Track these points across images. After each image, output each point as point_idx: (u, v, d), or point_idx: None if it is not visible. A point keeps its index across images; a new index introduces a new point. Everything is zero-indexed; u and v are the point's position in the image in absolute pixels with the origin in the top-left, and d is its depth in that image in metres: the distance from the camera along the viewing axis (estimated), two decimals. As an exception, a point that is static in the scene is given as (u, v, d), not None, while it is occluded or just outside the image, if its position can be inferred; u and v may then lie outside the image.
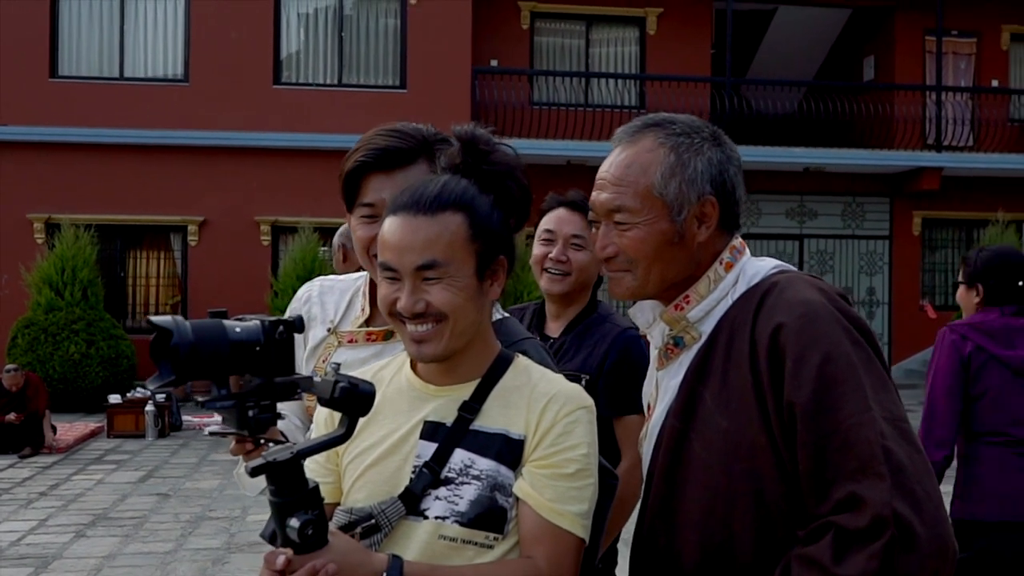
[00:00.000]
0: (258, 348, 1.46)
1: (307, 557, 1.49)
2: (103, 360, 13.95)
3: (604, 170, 1.74)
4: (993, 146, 19.13)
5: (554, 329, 3.03)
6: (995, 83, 19.63)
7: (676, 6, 18.69)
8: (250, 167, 16.08)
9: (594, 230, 1.79)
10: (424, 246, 1.65)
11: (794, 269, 1.74)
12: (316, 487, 1.50)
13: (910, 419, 1.56)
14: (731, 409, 1.60)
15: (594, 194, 1.75)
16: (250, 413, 1.47)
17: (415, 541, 1.65)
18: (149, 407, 11.79)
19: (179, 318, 1.42)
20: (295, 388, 1.51)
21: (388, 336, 2.14)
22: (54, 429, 11.00)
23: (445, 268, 1.65)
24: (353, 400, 1.49)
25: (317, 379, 1.52)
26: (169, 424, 12.19)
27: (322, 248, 15.20)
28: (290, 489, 1.48)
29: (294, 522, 1.47)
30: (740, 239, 1.77)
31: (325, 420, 1.80)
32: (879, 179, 19.17)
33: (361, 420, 1.55)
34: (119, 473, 9.67)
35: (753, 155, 17.95)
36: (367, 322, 2.21)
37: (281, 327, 1.48)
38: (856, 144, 18.95)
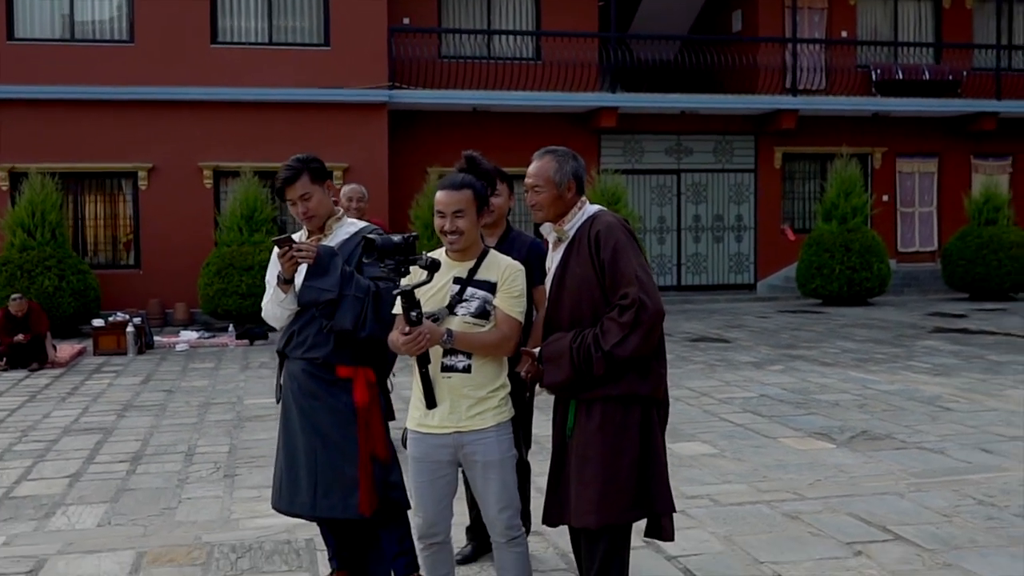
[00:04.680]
0: (403, 245, 3.84)
1: (415, 328, 3.87)
2: (73, 292, 15.93)
3: (530, 170, 4.13)
4: (842, 89, 22.01)
5: (490, 242, 5.33)
6: (844, 34, 22.45)
7: (567, -34, 21.00)
8: (192, 118, 18.05)
9: (526, 193, 4.19)
10: (455, 203, 4.00)
11: (606, 209, 4.19)
12: (419, 300, 3.89)
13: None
14: (580, 264, 4.02)
15: (526, 180, 4.15)
16: (402, 270, 3.85)
17: (454, 324, 4.02)
18: (130, 328, 13.94)
19: (377, 236, 3.80)
20: (416, 261, 3.88)
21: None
22: (54, 348, 13.10)
23: (463, 211, 4.01)
24: (434, 266, 3.88)
25: (421, 259, 3.89)
26: (144, 343, 14.34)
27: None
28: (410, 300, 3.86)
29: (413, 313, 3.85)
30: (584, 197, 4.19)
31: (410, 277, 4.16)
32: (745, 120, 21.93)
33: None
34: (122, 379, 11.87)
35: (636, 100, 20.52)
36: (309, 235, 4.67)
37: (411, 237, 3.87)
38: (725, 89, 21.63)
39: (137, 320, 14.28)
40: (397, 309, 3.94)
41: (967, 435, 8.09)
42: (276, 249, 4.43)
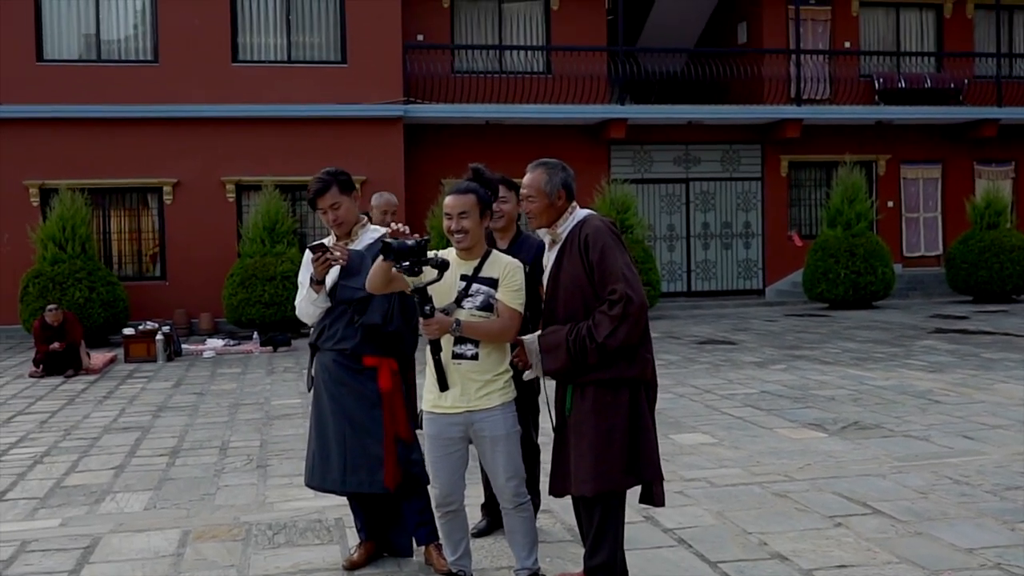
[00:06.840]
0: (416, 247, 4.40)
1: (430, 319, 4.43)
2: (103, 303, 16.56)
3: (524, 182, 4.68)
4: (846, 99, 22.51)
5: (502, 244, 5.87)
6: (847, 45, 22.97)
7: (576, -17, 21.61)
8: (214, 135, 18.74)
9: (523, 203, 4.74)
10: (460, 205, 4.56)
11: (595, 213, 4.73)
12: (431, 296, 4.44)
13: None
14: (572, 264, 4.56)
15: (521, 191, 4.70)
16: (415, 269, 4.41)
17: (462, 315, 4.57)
18: (159, 336, 14.55)
19: (392, 240, 4.36)
20: (428, 261, 4.44)
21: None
22: (88, 355, 13.73)
23: (468, 214, 4.56)
24: (444, 265, 4.44)
25: (432, 259, 4.45)
26: (173, 351, 14.95)
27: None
28: (424, 297, 4.42)
29: (427, 308, 4.41)
30: (575, 203, 4.74)
31: (423, 276, 4.71)
32: (751, 129, 22.45)
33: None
34: (153, 384, 12.47)
35: (645, 112, 21.08)
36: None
37: (423, 240, 4.43)
38: (731, 100, 22.18)
39: (166, 328, 14.90)
40: None
41: (952, 424, 8.59)
42: (310, 254, 5.01)
